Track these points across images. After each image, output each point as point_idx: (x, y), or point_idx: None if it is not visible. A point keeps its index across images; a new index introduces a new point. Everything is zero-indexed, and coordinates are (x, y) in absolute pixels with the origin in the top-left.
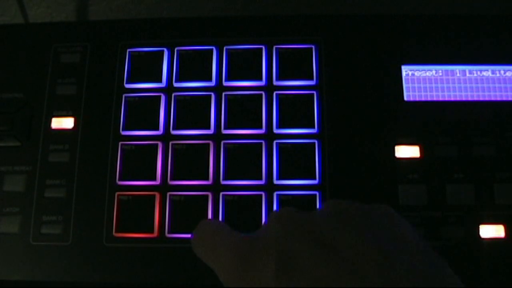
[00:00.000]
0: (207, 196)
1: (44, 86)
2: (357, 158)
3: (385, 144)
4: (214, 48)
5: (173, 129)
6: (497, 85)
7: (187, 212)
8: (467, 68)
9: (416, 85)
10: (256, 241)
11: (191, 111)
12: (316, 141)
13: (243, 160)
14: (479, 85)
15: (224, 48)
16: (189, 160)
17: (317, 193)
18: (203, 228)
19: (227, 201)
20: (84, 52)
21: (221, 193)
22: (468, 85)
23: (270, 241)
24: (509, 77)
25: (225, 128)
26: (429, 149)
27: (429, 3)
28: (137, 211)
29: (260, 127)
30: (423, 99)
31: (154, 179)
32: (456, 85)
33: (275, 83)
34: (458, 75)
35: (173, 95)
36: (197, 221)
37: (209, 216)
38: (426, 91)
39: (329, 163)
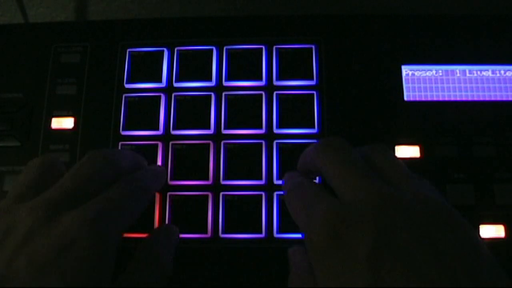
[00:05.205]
0: (207, 196)
1: (44, 86)
2: None
3: (385, 144)
4: (214, 48)
5: (173, 129)
6: (497, 85)
7: (187, 212)
8: (467, 68)
9: (416, 85)
10: (349, 214)
11: (191, 111)
12: (316, 141)
13: (243, 160)
14: (479, 85)
15: (224, 48)
16: (189, 160)
17: None
18: (299, 184)
19: (227, 201)
20: (84, 52)
21: (221, 193)
22: (468, 85)
23: (367, 216)
24: (509, 77)
25: (225, 128)
26: (429, 149)
27: (429, 3)
28: None
29: (260, 127)
30: (423, 99)
31: None
32: (456, 85)
33: (275, 83)
34: (458, 75)
35: (173, 95)
36: (197, 221)
37: (209, 216)
38: (426, 91)
39: None
